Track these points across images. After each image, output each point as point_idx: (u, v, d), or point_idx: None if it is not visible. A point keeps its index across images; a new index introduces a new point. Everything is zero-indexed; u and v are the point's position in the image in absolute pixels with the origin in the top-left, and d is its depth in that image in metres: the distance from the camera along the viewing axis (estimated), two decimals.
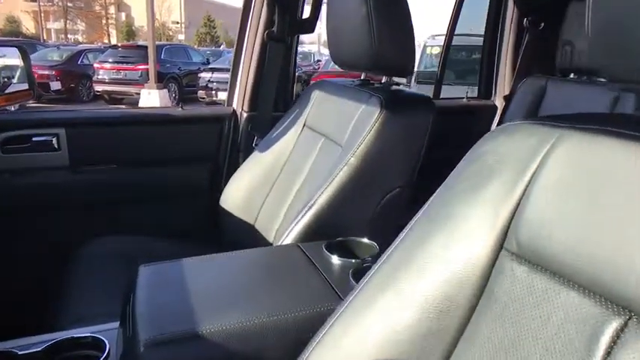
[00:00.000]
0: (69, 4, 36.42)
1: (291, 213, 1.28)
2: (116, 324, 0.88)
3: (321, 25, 1.56)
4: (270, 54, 1.58)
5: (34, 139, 1.47)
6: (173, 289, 0.84)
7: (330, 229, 1.05)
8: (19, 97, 1.84)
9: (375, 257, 0.88)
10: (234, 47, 1.68)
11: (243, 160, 1.56)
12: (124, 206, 1.62)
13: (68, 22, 36.88)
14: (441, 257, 0.51)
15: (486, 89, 2.18)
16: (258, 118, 1.66)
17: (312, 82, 7.20)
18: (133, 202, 1.63)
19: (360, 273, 0.81)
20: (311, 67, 12.19)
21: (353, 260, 0.87)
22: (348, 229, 1.07)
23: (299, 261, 0.89)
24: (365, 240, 0.95)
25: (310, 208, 1.05)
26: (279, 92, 1.67)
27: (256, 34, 1.60)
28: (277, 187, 1.41)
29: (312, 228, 1.04)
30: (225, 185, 1.54)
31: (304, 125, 1.42)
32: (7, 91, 1.78)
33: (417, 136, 1.10)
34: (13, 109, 1.62)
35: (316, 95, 1.42)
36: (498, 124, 2.03)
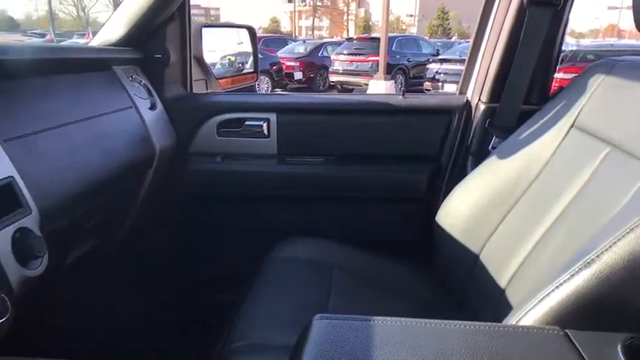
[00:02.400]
0: (318, 4, 40.59)
1: (539, 258, 0.86)
2: None
3: None
4: (529, 25, 1.15)
5: (246, 123, 1.39)
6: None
7: (621, 313, 0.61)
8: (243, 79, 1.85)
9: None
10: (479, 18, 1.29)
11: (474, 166, 1.19)
12: (326, 205, 1.44)
13: (316, 19, 41.18)
14: None
15: None
16: (501, 111, 1.25)
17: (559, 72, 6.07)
18: (336, 202, 1.43)
19: None
20: None
21: None
22: None
23: None
24: None
25: (588, 265, 0.62)
26: (535, 78, 1.22)
27: None
28: (519, 211, 1.00)
29: (589, 301, 0.62)
30: (445, 195, 1.19)
31: (572, 125, 0.97)
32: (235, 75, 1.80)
33: None
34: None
35: (600, 81, 0.95)
36: None
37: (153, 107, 1.29)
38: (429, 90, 9.51)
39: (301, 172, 1.41)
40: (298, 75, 11.34)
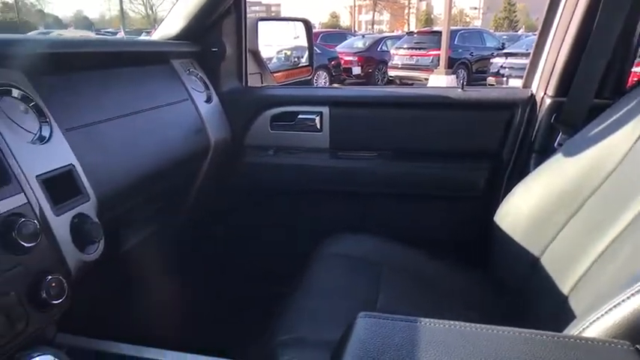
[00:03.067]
0: None
1: (608, 264, 0.79)
2: None
3: None
4: (604, 11, 1.06)
5: (299, 116, 1.39)
6: None
7: None
8: (297, 72, 1.85)
9: None
10: (547, 3, 1.21)
11: (537, 164, 1.12)
12: (378, 201, 1.40)
13: (376, 13, 40.80)
14: None
15: None
16: (569, 106, 1.17)
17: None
18: (389, 199, 1.40)
19: None
20: None
21: None
22: None
23: None
24: None
25: None
26: (609, 69, 1.12)
27: None
28: (586, 213, 0.93)
29: None
30: (505, 194, 1.13)
31: None
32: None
33: None
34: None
35: None
36: None
37: (209, 100, 1.32)
38: (493, 85, 9.16)
39: (354, 167, 1.39)
40: (356, 70, 11.26)
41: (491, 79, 9.32)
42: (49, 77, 0.83)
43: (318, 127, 1.38)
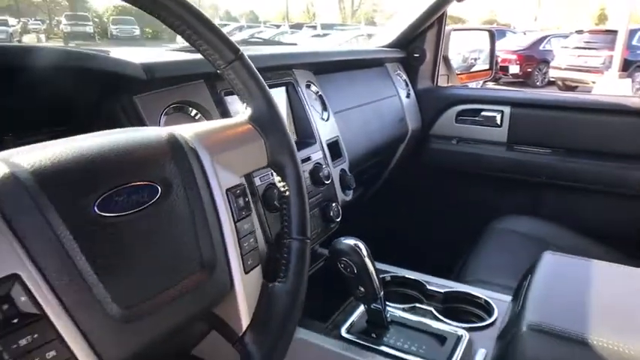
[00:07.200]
0: None
1: None
2: (509, 297, 0.91)
3: None
4: None
5: (482, 113, 1.64)
6: (573, 285, 0.78)
7: None
8: (478, 75, 2.08)
9: None
10: None
11: None
12: (547, 191, 1.59)
13: (540, 9, 37.55)
14: None
15: None
16: None
17: None
18: (557, 189, 1.58)
19: None
20: None
21: None
22: None
23: None
24: None
25: None
26: None
27: None
28: None
29: None
30: None
31: None
32: (471, 70, 2.05)
33: None
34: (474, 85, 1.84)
35: None
36: None
37: (408, 96, 1.65)
38: None
39: (527, 160, 1.59)
40: (514, 69, 10.77)
41: None
42: (323, 76, 1.23)
43: (499, 123, 1.62)
